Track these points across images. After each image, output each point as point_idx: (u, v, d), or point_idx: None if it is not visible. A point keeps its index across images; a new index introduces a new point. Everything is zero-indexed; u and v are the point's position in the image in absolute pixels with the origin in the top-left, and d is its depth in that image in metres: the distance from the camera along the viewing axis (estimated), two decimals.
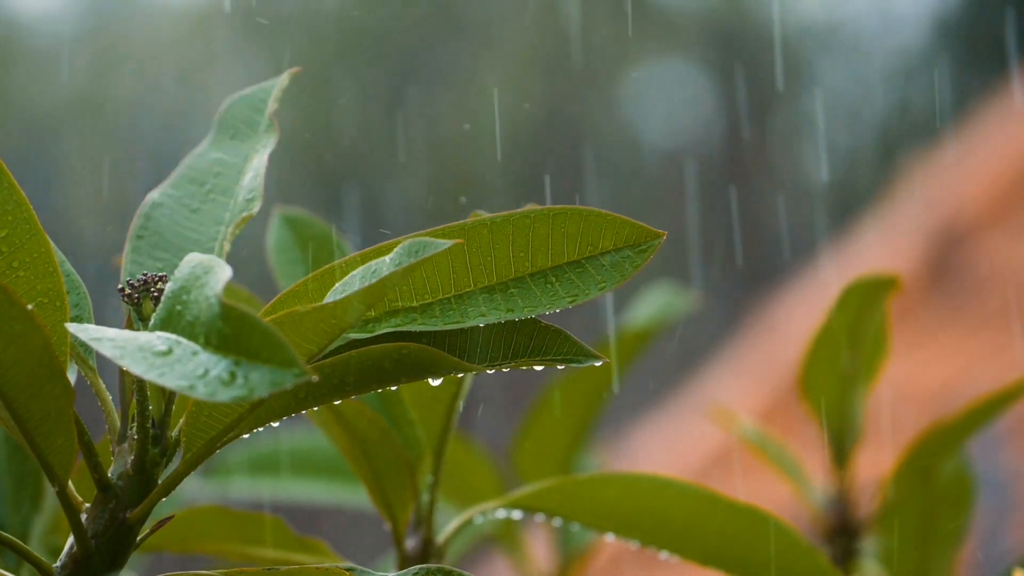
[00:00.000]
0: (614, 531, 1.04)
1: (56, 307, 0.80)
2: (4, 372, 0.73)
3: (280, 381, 0.66)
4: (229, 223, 0.88)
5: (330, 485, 1.53)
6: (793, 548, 1.03)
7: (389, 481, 1.04)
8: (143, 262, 0.87)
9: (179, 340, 0.70)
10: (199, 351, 0.69)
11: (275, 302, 0.81)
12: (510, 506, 1.05)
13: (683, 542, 1.03)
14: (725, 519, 1.03)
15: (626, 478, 1.03)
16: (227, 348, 0.68)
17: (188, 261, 0.74)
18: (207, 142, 0.92)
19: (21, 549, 0.82)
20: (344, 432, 1.01)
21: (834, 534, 1.49)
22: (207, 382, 0.67)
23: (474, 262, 0.81)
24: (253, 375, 0.67)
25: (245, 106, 0.93)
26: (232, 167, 0.90)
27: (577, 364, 0.81)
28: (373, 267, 0.76)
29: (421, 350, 0.77)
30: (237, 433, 0.80)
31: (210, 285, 0.70)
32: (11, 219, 0.80)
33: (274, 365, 0.67)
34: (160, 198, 0.90)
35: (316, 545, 1.08)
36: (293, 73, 0.94)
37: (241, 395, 0.66)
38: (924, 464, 1.41)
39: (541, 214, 0.81)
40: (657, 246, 0.82)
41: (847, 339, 1.44)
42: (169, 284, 0.74)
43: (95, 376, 0.83)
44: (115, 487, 0.81)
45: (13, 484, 1.10)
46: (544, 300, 0.81)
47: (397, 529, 1.07)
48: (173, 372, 0.68)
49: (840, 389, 1.47)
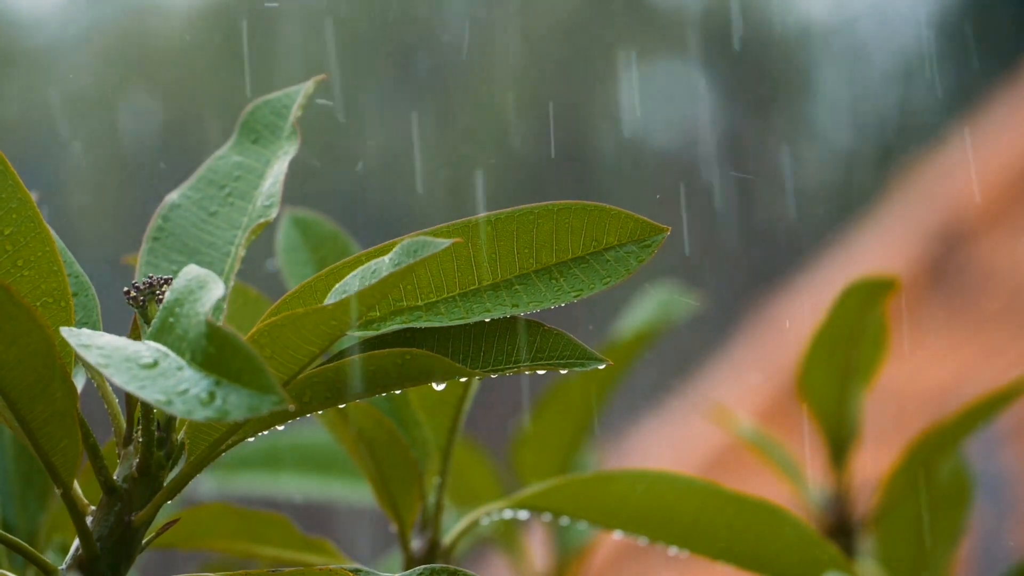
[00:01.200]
0: (622, 528, 1.03)
1: (61, 307, 0.79)
2: (7, 373, 0.73)
3: (257, 406, 0.66)
4: (246, 228, 0.87)
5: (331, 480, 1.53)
6: (804, 540, 1.03)
7: (396, 482, 1.04)
8: (158, 264, 0.87)
9: (167, 353, 0.70)
10: (184, 366, 0.69)
11: (280, 303, 0.81)
12: (517, 506, 1.05)
13: (692, 537, 1.03)
14: (734, 513, 1.02)
15: (633, 474, 1.03)
16: (210, 367, 0.68)
17: (185, 273, 0.74)
18: (228, 145, 0.92)
19: (27, 552, 0.82)
20: (351, 432, 1.01)
21: (832, 534, 1.49)
22: (185, 400, 0.67)
23: (478, 259, 0.81)
24: (231, 397, 0.67)
25: (268, 111, 0.92)
26: (252, 171, 0.90)
27: (581, 368, 0.81)
28: (373, 267, 0.76)
29: (424, 355, 0.77)
30: (241, 436, 0.80)
31: (201, 301, 0.70)
32: (15, 217, 0.80)
33: (253, 389, 0.67)
34: (179, 199, 0.90)
35: (322, 544, 1.08)
36: (319, 80, 0.93)
37: (216, 417, 0.66)
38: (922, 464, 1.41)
39: (545, 210, 0.81)
40: (661, 241, 0.82)
41: (845, 340, 1.44)
42: (167, 294, 0.74)
43: (101, 379, 0.83)
44: (120, 489, 0.81)
45: (21, 483, 1.10)
46: (549, 296, 0.81)
47: (403, 530, 1.07)
48: (154, 386, 0.68)
49: (838, 389, 1.47)
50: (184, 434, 0.81)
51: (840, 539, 1.49)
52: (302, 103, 0.92)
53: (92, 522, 0.81)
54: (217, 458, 0.81)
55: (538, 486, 1.03)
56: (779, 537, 1.02)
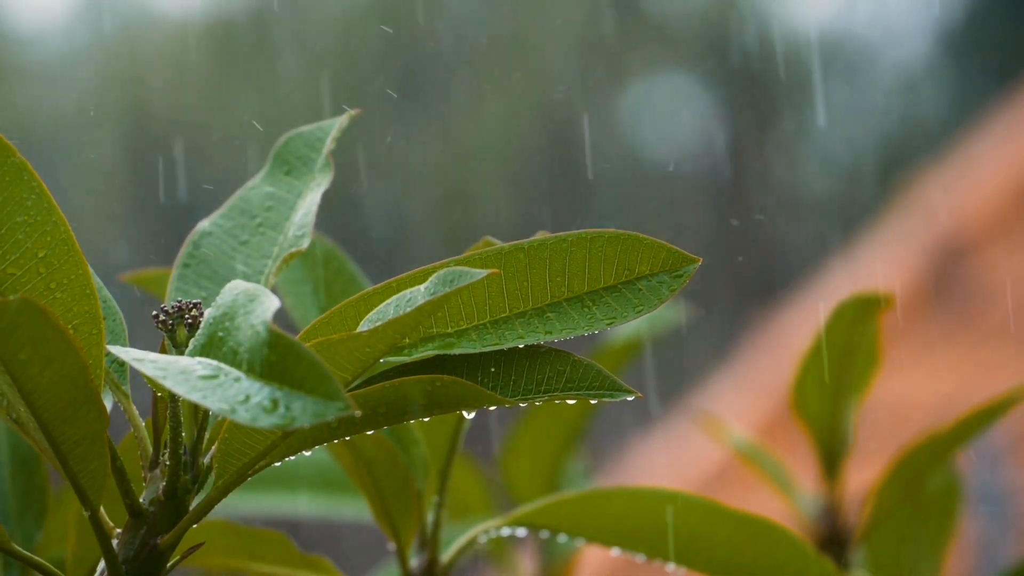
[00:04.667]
0: (620, 545, 1.04)
1: (92, 331, 0.79)
2: (40, 395, 0.73)
3: (322, 412, 0.66)
4: (276, 257, 0.87)
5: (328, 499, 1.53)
6: (800, 557, 1.03)
7: (394, 501, 1.04)
8: (188, 290, 0.87)
9: (220, 366, 0.70)
10: (242, 378, 0.69)
11: (310, 329, 0.81)
12: (514, 524, 1.05)
13: (690, 554, 1.03)
14: (733, 530, 1.03)
15: (631, 492, 1.03)
16: (271, 376, 0.68)
17: (231, 289, 0.74)
18: (261, 175, 0.92)
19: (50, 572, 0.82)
20: (349, 452, 1.01)
21: (824, 545, 1.50)
22: (248, 407, 0.67)
23: (510, 288, 0.81)
24: (295, 404, 0.67)
25: (302, 143, 0.92)
26: (284, 202, 0.90)
27: (610, 398, 0.80)
28: (408, 296, 0.76)
29: (454, 383, 0.77)
30: (269, 461, 0.80)
31: (256, 313, 0.70)
32: (49, 240, 0.80)
33: (318, 396, 0.67)
34: (210, 227, 0.90)
35: (319, 562, 1.08)
36: (354, 115, 0.93)
37: (282, 423, 0.66)
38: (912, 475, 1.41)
39: (578, 238, 0.81)
40: (693, 272, 0.82)
41: (838, 356, 1.45)
42: (210, 311, 0.74)
43: (128, 402, 0.83)
44: (147, 513, 0.81)
45: (18, 501, 1.09)
46: (582, 323, 0.81)
47: (402, 548, 1.07)
48: (215, 395, 0.68)
49: (831, 404, 1.48)
50: (211, 458, 0.81)
51: (832, 550, 1.50)
52: (336, 136, 0.92)
53: (118, 545, 0.81)
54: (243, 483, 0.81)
55: (536, 503, 1.04)
56: (776, 554, 1.03)
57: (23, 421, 0.76)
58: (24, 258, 0.80)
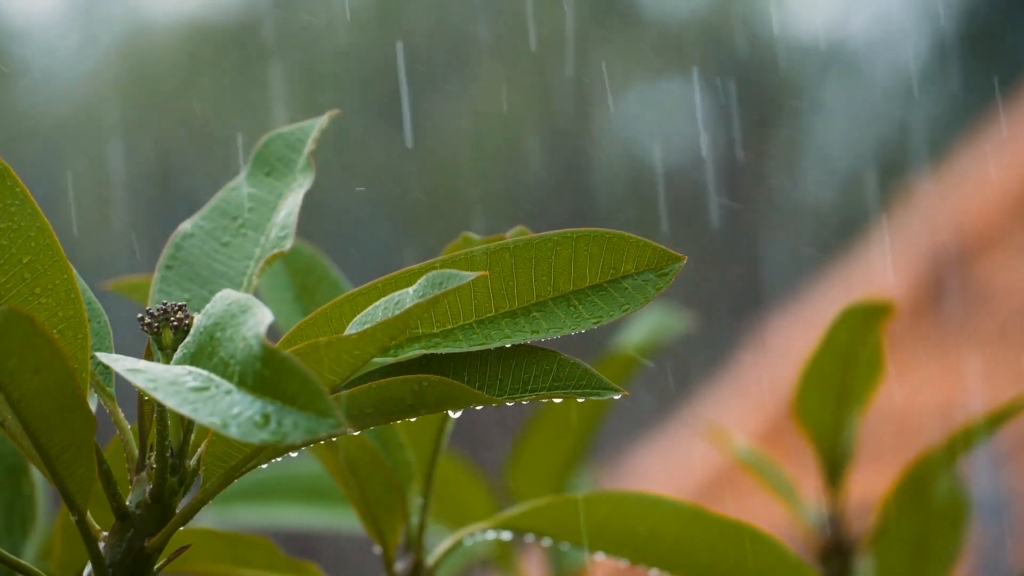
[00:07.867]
0: (604, 550, 1.04)
1: (78, 335, 0.79)
2: (28, 402, 0.73)
3: (314, 429, 0.66)
4: (259, 259, 0.88)
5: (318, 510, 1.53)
6: (782, 563, 1.04)
7: (379, 504, 1.04)
8: (171, 292, 0.87)
9: (211, 377, 0.70)
10: (232, 390, 0.69)
11: (295, 331, 0.81)
12: (499, 527, 1.05)
13: (673, 559, 1.03)
14: (715, 536, 1.03)
15: (615, 497, 1.03)
16: (264, 390, 0.68)
17: (223, 298, 0.74)
18: (242, 176, 0.92)
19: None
20: (333, 455, 1.01)
21: (828, 554, 1.50)
22: (240, 423, 0.67)
23: (496, 287, 0.81)
24: (287, 420, 0.67)
25: (282, 144, 0.92)
26: (265, 203, 0.90)
27: (597, 397, 0.80)
28: (396, 298, 0.76)
29: (441, 382, 0.77)
30: (256, 463, 0.80)
31: (248, 325, 0.70)
32: (34, 245, 0.80)
33: (310, 413, 0.67)
34: (191, 229, 0.90)
35: (307, 567, 1.08)
36: (333, 115, 0.94)
37: (273, 440, 0.66)
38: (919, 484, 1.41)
39: (563, 237, 0.81)
40: (678, 270, 0.82)
41: (841, 363, 1.45)
42: (200, 318, 0.74)
43: (114, 405, 0.83)
44: (133, 516, 0.81)
45: (4, 510, 1.09)
46: (568, 322, 0.81)
47: (387, 552, 1.07)
48: (206, 408, 0.68)
49: (833, 412, 1.48)
50: (197, 460, 0.81)
51: (836, 560, 1.49)
52: (316, 137, 0.92)
53: (104, 548, 0.81)
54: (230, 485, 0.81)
55: (521, 506, 1.04)
56: (758, 559, 1.03)
57: (10, 427, 0.76)
58: (8, 264, 0.80)
